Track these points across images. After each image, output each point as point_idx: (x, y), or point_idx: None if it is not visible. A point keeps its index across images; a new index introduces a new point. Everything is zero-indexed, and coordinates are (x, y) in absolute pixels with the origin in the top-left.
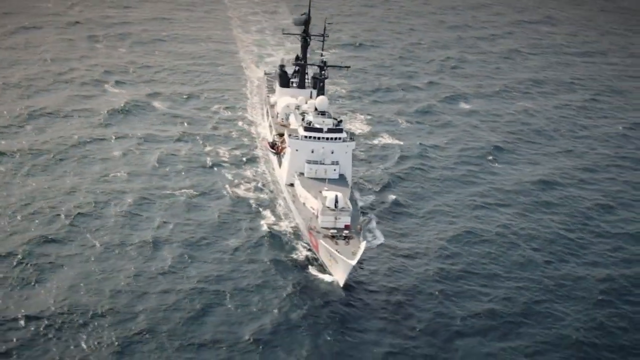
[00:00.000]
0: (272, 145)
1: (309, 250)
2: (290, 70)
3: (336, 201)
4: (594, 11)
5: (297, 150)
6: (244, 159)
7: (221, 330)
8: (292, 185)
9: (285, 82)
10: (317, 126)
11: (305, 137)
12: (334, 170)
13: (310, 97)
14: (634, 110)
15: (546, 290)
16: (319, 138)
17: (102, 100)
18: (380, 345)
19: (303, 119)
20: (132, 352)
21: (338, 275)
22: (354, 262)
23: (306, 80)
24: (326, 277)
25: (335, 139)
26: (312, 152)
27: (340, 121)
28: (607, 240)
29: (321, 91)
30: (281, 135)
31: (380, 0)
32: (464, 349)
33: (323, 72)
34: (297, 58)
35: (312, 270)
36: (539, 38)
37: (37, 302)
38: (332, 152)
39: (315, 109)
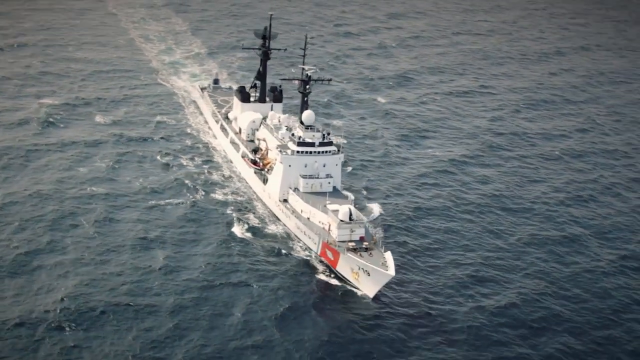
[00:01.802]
0: (254, 162)
1: (306, 249)
2: (221, 81)
3: (350, 214)
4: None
5: (289, 165)
6: (205, 165)
7: (248, 321)
8: (285, 200)
9: (245, 97)
10: (309, 140)
11: (299, 152)
12: (329, 183)
13: (271, 110)
14: (512, 93)
15: (505, 254)
16: (311, 152)
17: (31, 110)
18: (397, 316)
19: (293, 134)
20: (174, 346)
21: (367, 287)
22: (393, 273)
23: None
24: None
25: (326, 152)
26: (306, 166)
27: (329, 134)
28: (530, 208)
29: (305, 105)
30: (255, 151)
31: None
32: (467, 310)
33: (308, 86)
34: (258, 72)
35: (314, 262)
36: (409, 30)
37: (62, 307)
38: (324, 166)
39: (302, 123)
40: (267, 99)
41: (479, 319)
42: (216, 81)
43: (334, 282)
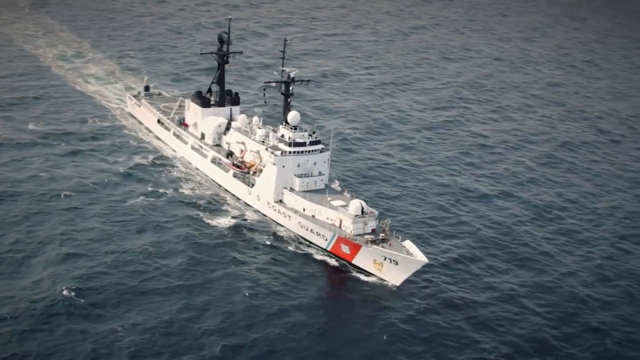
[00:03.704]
0: (237, 165)
1: (284, 228)
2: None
3: (362, 207)
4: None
5: (283, 166)
6: (158, 161)
7: (260, 295)
8: (280, 201)
9: (206, 102)
10: (300, 140)
11: (292, 152)
12: (322, 180)
13: (231, 114)
14: (386, 74)
15: (442, 214)
16: (303, 152)
17: None
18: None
19: (282, 136)
20: (211, 322)
21: (393, 276)
22: (425, 259)
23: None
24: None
25: (316, 150)
26: (298, 166)
27: (315, 132)
28: (442, 171)
29: (288, 106)
30: (230, 154)
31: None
32: (441, 262)
33: (290, 88)
34: (218, 77)
35: (303, 245)
36: (268, 16)
37: (88, 303)
38: (315, 164)
39: (287, 124)
40: (225, 102)
41: (455, 269)
42: (147, 88)
43: (328, 259)
